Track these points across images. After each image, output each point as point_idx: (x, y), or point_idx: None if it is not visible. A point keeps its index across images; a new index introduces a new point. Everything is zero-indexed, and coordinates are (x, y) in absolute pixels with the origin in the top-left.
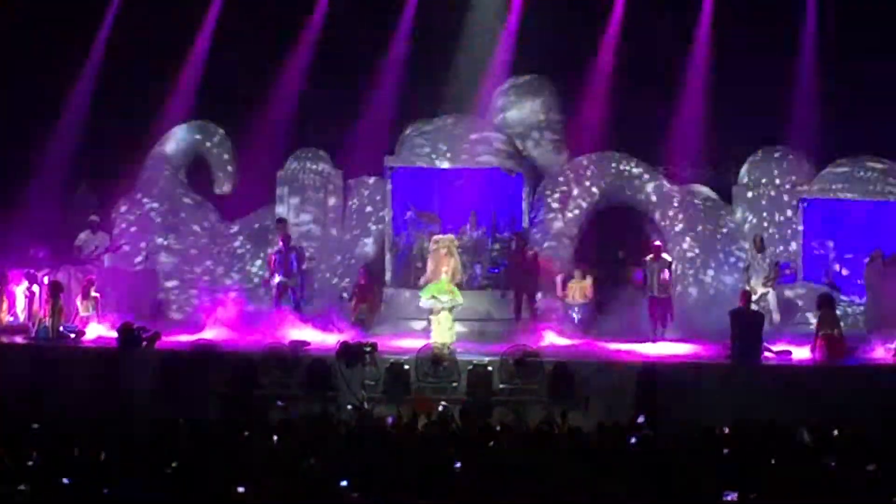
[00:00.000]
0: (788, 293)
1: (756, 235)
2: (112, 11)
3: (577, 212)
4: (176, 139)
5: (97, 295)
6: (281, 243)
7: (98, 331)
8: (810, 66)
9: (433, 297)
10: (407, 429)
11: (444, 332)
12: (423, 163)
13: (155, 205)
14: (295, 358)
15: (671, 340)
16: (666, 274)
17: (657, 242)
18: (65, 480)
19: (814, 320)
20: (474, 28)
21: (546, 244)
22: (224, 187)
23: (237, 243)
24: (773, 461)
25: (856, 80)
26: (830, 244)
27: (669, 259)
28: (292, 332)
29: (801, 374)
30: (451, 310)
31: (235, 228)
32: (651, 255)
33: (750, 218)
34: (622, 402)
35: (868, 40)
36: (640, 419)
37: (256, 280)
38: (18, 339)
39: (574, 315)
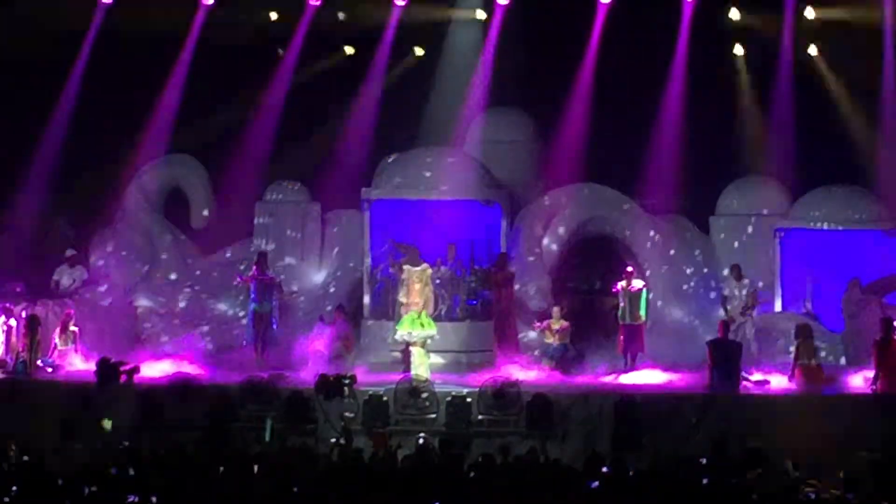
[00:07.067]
0: (767, 323)
1: (734, 265)
2: (88, 44)
3: (554, 246)
4: (153, 172)
5: (76, 329)
6: (255, 270)
7: (76, 365)
8: (786, 95)
9: (407, 331)
10: (386, 461)
11: (417, 366)
12: (400, 195)
13: (132, 238)
14: (273, 390)
15: (647, 367)
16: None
17: (629, 268)
18: None
19: (792, 350)
20: (451, 60)
21: (524, 276)
22: (201, 220)
23: (215, 275)
24: (751, 491)
25: (831, 110)
26: (808, 280)
27: (642, 285)
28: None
29: (780, 403)
30: (423, 343)
31: (213, 261)
32: (623, 282)
33: (727, 248)
34: (601, 433)
35: (843, 70)
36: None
37: (231, 313)
38: None
39: (550, 359)
